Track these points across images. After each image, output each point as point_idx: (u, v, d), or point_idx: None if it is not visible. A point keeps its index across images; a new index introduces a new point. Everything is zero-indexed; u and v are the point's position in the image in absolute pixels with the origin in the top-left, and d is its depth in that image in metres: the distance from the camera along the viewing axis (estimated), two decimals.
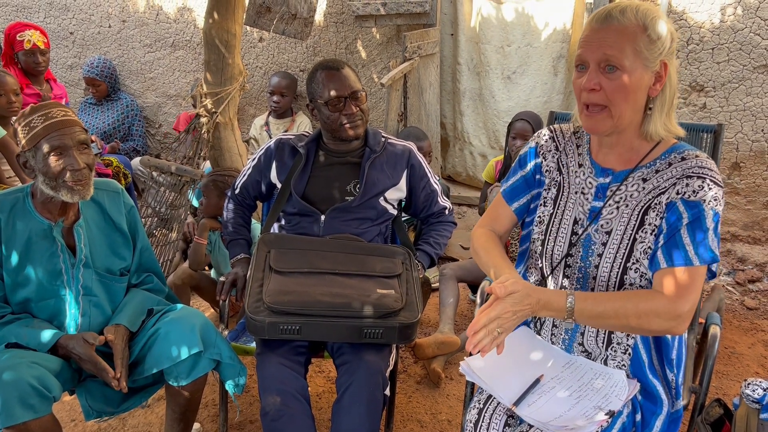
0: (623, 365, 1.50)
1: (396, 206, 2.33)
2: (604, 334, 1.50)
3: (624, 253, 1.43)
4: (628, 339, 1.48)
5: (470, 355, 1.39)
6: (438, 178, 3.90)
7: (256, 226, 2.61)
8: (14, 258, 1.88)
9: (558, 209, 1.56)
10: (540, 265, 1.60)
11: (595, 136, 1.53)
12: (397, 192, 2.27)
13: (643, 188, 1.44)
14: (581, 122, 1.44)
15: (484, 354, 1.32)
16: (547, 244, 1.56)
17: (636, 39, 1.33)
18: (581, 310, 1.36)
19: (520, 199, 1.67)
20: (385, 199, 2.25)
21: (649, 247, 1.41)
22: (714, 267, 1.37)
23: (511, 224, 1.70)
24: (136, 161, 4.35)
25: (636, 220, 1.43)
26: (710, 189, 1.35)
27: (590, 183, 1.52)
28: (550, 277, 1.57)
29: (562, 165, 1.58)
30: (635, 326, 1.35)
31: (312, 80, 2.22)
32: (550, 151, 1.61)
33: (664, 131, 1.41)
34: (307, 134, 2.33)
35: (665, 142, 1.45)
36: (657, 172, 1.43)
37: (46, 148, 1.82)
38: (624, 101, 1.36)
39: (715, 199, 1.35)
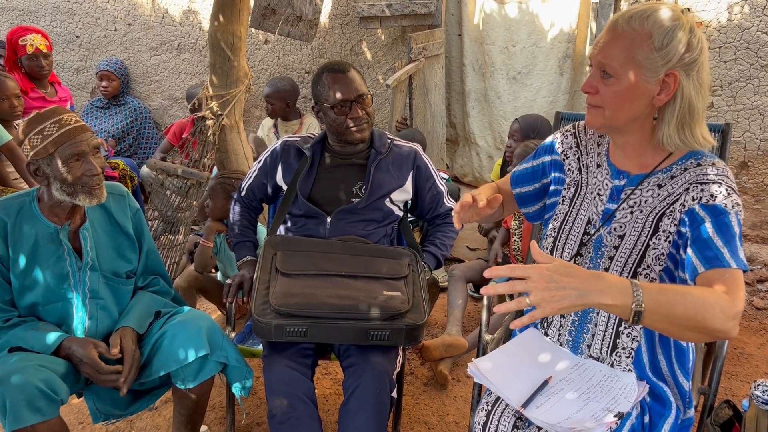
0: (629, 369, 1.49)
1: (402, 208, 2.32)
2: (610, 338, 1.49)
3: (636, 259, 1.42)
4: (632, 342, 1.47)
5: (477, 356, 1.37)
6: (448, 178, 3.90)
7: (260, 229, 2.61)
8: (21, 262, 1.89)
9: (573, 208, 1.56)
10: None
11: (612, 141, 1.53)
12: (403, 193, 2.27)
13: (658, 194, 1.42)
14: (585, 119, 1.47)
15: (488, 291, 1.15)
16: (559, 242, 1.56)
17: (633, 47, 1.31)
18: (649, 287, 1.15)
19: (524, 187, 1.72)
20: (391, 201, 2.25)
21: (662, 254, 1.39)
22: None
23: (509, 198, 1.75)
24: (145, 168, 4.36)
25: (650, 227, 1.41)
26: (729, 195, 1.32)
27: (606, 184, 1.52)
28: None
29: (583, 165, 1.58)
30: (699, 322, 1.17)
31: (317, 83, 2.22)
32: (572, 148, 1.61)
33: (681, 143, 1.38)
34: (313, 136, 2.33)
35: (683, 149, 1.42)
36: (672, 177, 1.41)
37: (64, 155, 1.83)
38: (617, 106, 1.36)
39: (736, 205, 1.32)
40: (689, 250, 1.33)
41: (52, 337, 1.85)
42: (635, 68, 1.32)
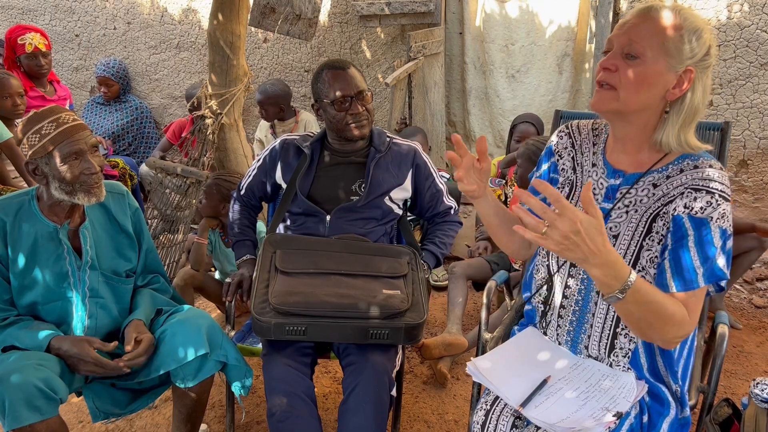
0: (627, 369, 1.49)
1: (401, 206, 2.32)
2: (607, 339, 1.49)
3: (630, 260, 1.42)
4: (630, 343, 1.47)
5: (476, 355, 1.37)
6: (449, 177, 3.90)
7: (260, 226, 2.61)
8: (21, 261, 1.89)
9: None
10: (547, 263, 1.59)
11: (611, 130, 1.52)
12: (403, 192, 2.27)
13: (653, 194, 1.42)
14: (591, 100, 1.43)
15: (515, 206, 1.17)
16: None
17: (666, 34, 1.32)
18: (639, 289, 1.21)
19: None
20: (390, 199, 2.24)
21: (656, 256, 1.40)
22: (723, 283, 1.35)
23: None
24: (144, 166, 4.36)
25: (644, 227, 1.41)
26: (718, 205, 1.33)
27: (601, 184, 1.51)
28: (556, 275, 1.56)
29: (577, 164, 1.58)
30: (659, 328, 1.29)
31: (317, 80, 2.22)
32: (566, 148, 1.61)
33: (677, 144, 1.38)
34: (312, 134, 2.33)
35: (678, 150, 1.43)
36: (668, 178, 1.41)
37: (62, 153, 1.82)
38: (635, 90, 1.34)
39: (723, 216, 1.33)
40: (666, 264, 1.35)
41: (42, 335, 1.84)
42: (663, 54, 1.32)
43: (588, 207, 1.14)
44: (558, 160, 1.61)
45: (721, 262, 1.32)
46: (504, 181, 3.47)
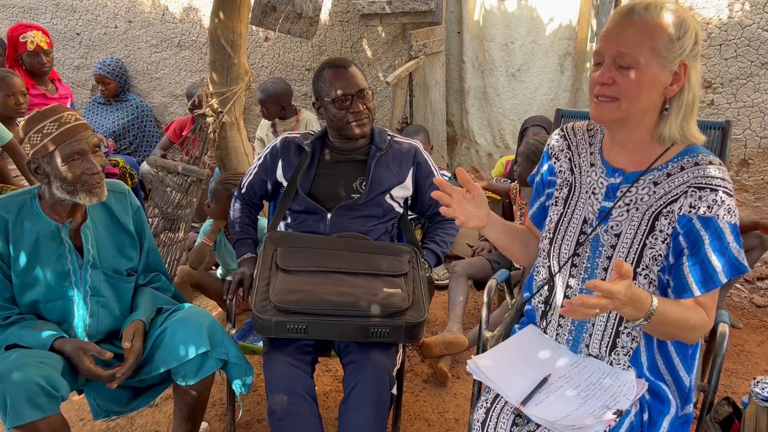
0: (627, 367, 1.49)
1: (402, 204, 2.32)
2: (609, 338, 1.49)
3: (634, 259, 1.42)
4: (632, 342, 1.48)
5: (477, 353, 1.37)
6: (451, 177, 3.90)
7: (262, 220, 2.61)
8: (22, 259, 1.89)
9: (568, 209, 1.56)
10: (548, 264, 1.59)
11: (607, 133, 1.52)
12: (403, 190, 2.27)
13: (654, 192, 1.42)
14: (590, 111, 1.43)
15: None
16: (555, 243, 1.56)
17: (655, 37, 1.31)
18: (661, 313, 1.30)
19: (534, 204, 1.71)
20: (391, 197, 2.25)
21: (659, 254, 1.40)
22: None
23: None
24: (145, 165, 4.36)
25: (646, 226, 1.42)
26: (723, 202, 1.34)
27: (601, 183, 1.51)
28: (557, 275, 1.56)
29: (575, 165, 1.58)
30: (681, 336, 1.41)
31: (318, 78, 2.22)
32: (563, 150, 1.61)
33: (679, 135, 1.40)
34: (313, 132, 2.33)
35: (679, 144, 1.44)
36: (669, 176, 1.41)
37: (63, 153, 1.82)
38: (636, 98, 1.35)
39: (729, 212, 1.35)
40: (686, 269, 1.37)
41: (45, 334, 1.84)
42: (655, 57, 1.32)
43: (622, 275, 1.21)
44: (555, 163, 1.62)
45: (738, 255, 1.36)
46: (509, 181, 3.48)
